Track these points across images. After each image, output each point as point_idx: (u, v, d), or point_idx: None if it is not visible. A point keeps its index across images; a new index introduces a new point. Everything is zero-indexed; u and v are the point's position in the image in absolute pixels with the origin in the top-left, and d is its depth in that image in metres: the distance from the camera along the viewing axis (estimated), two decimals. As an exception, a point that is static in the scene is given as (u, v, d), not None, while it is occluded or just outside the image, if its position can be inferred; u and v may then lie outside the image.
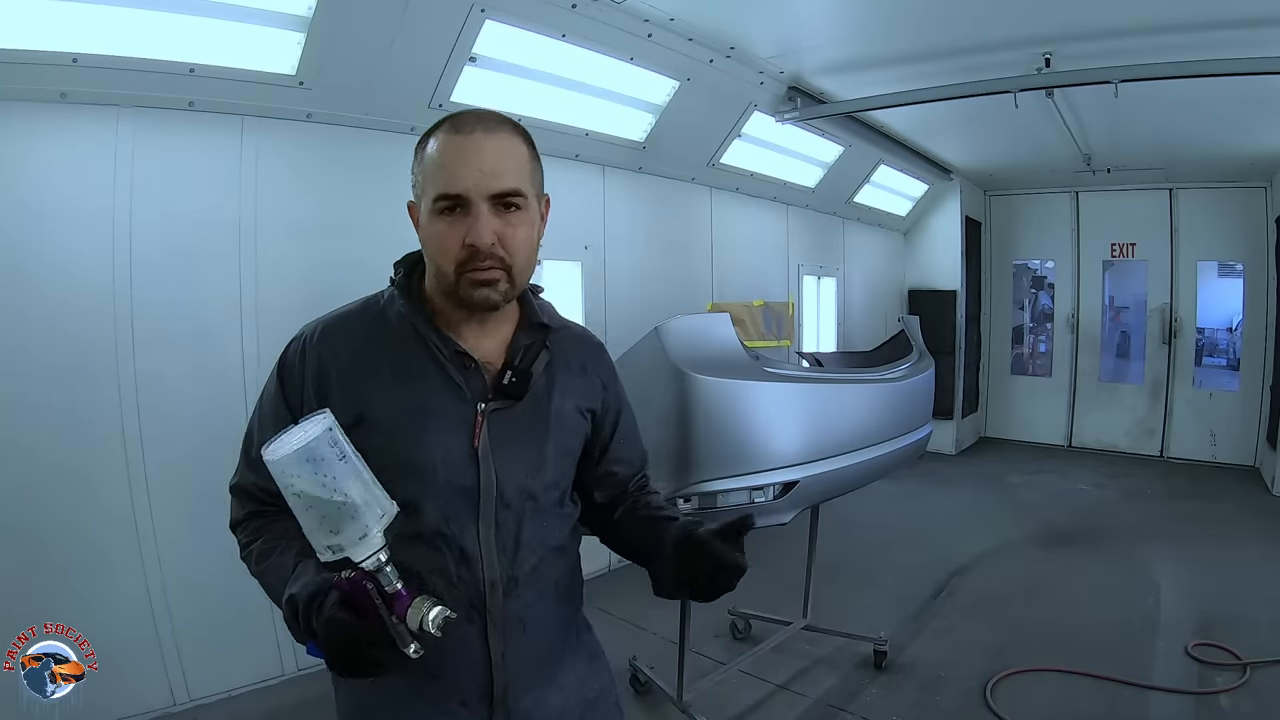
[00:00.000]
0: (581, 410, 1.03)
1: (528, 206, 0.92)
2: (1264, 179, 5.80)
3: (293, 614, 0.83)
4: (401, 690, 0.93)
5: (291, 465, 0.77)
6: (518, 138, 0.94)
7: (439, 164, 0.89)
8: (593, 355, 1.08)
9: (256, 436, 0.95)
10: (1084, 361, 6.91)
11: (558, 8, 2.78)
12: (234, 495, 1.01)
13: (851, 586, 3.61)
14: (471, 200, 0.88)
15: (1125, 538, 4.35)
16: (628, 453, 1.11)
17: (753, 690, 2.68)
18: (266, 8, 2.29)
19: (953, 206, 6.66)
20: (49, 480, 2.18)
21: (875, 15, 3.28)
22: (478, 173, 0.88)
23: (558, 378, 1.01)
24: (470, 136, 0.89)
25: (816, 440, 2.36)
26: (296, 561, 0.88)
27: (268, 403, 0.97)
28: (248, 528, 0.98)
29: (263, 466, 0.88)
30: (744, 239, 4.82)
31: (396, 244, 1.05)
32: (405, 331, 0.94)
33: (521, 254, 0.92)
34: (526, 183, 0.92)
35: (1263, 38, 3.08)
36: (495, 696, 0.93)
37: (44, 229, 2.17)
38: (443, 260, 0.90)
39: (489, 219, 0.88)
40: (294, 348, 0.96)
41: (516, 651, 0.94)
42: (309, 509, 0.79)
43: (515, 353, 0.98)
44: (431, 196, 0.89)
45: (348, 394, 0.92)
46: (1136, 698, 2.58)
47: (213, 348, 2.50)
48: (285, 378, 0.95)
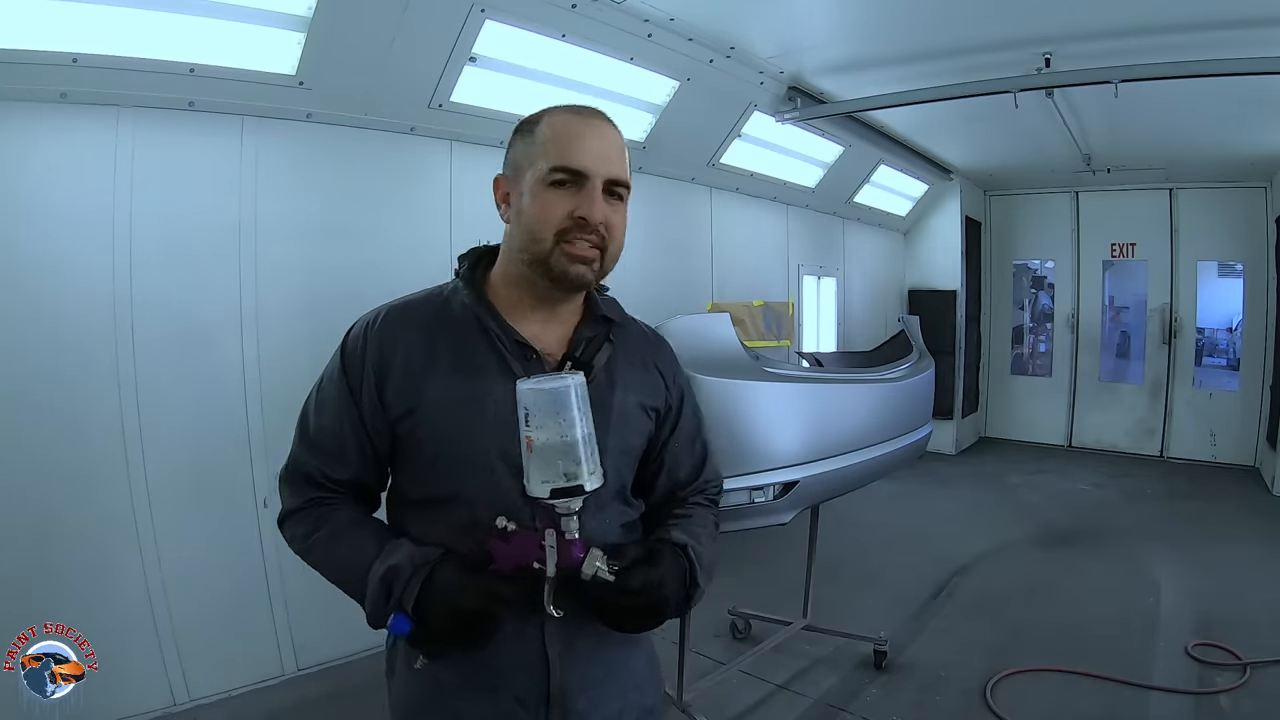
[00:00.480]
0: (645, 408, 1.01)
1: (626, 200, 0.96)
2: (1264, 179, 5.81)
3: (386, 587, 0.85)
4: (458, 685, 0.92)
5: (543, 402, 0.84)
6: (623, 138, 0.97)
7: (559, 139, 0.91)
8: (657, 352, 1.07)
9: (313, 420, 0.97)
10: (1084, 361, 6.91)
11: (558, 8, 2.78)
12: (288, 483, 0.98)
13: (851, 586, 3.61)
14: (590, 177, 0.90)
15: (1125, 538, 4.35)
16: (674, 461, 1.06)
17: (753, 690, 2.68)
18: (266, 8, 2.29)
19: (953, 206, 6.66)
20: (49, 480, 2.18)
21: (875, 15, 3.28)
22: (600, 154, 0.91)
23: (620, 373, 0.99)
24: (592, 121, 0.93)
25: (816, 440, 2.36)
26: (382, 541, 0.90)
27: (329, 385, 0.97)
28: (307, 516, 0.96)
29: (319, 450, 0.95)
30: (744, 239, 4.82)
31: (397, 244, 1.06)
32: (468, 322, 0.95)
33: (617, 242, 0.94)
34: (629, 177, 0.96)
35: (1263, 38, 3.08)
36: (552, 696, 0.92)
37: (44, 229, 2.17)
38: (542, 227, 0.91)
39: (601, 200, 0.91)
40: (356, 331, 0.97)
41: (572, 651, 0.93)
42: (546, 442, 0.84)
43: (577, 345, 0.98)
44: (547, 167, 0.90)
45: (407, 381, 0.92)
46: (1136, 698, 2.58)
47: (213, 348, 2.50)
48: (348, 361, 0.96)
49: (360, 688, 2.63)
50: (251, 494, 2.56)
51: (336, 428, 0.95)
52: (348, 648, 2.80)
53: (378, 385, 0.93)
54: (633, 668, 1.01)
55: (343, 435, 0.95)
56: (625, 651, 1.00)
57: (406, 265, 2.93)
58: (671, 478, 1.06)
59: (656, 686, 1.07)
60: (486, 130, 3.12)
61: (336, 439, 0.95)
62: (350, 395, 0.94)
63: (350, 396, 0.94)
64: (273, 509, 2.82)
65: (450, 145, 3.07)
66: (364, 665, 2.78)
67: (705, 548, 0.99)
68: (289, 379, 2.64)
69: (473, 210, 3.14)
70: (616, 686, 0.98)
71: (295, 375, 2.63)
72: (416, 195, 3.00)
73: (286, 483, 0.99)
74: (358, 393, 0.93)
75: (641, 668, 1.03)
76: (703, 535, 1.00)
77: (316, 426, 0.96)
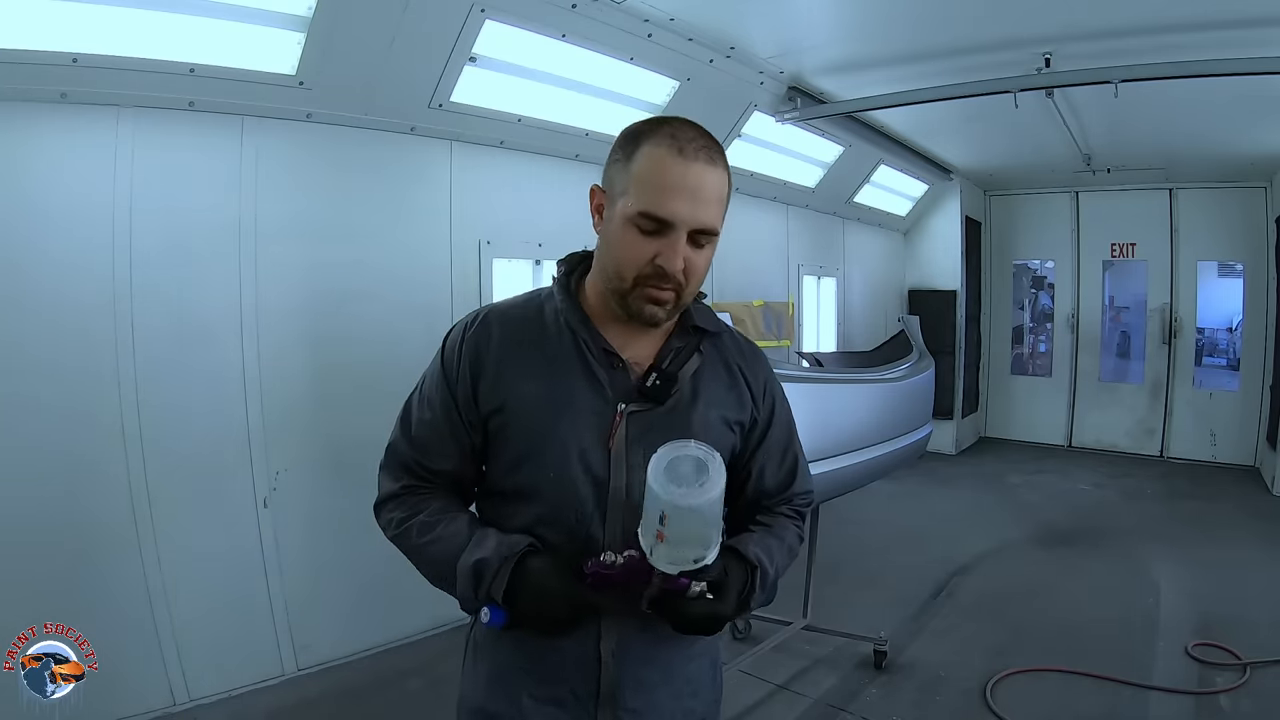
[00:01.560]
0: (730, 422, 1.01)
1: (715, 239, 0.94)
2: (1264, 179, 5.81)
3: (475, 578, 0.89)
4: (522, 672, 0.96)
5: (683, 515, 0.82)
6: (726, 175, 0.94)
7: (655, 183, 0.89)
8: (748, 363, 1.07)
9: (415, 414, 1.01)
10: (1084, 361, 6.91)
11: (558, 8, 2.78)
12: (386, 469, 1.02)
13: (851, 586, 3.61)
14: (676, 227, 0.89)
15: (1125, 538, 4.36)
16: (761, 471, 1.06)
17: (753, 690, 2.68)
18: (266, 8, 2.29)
19: (953, 206, 6.66)
20: (49, 480, 2.18)
21: (875, 15, 3.28)
22: (689, 203, 0.89)
23: (705, 386, 1.00)
24: (693, 166, 0.89)
25: (816, 440, 2.36)
26: (471, 533, 0.93)
27: (430, 383, 1.01)
28: (403, 502, 0.99)
29: (418, 441, 1.00)
30: (744, 239, 4.81)
31: (396, 244, 1.06)
32: (559, 327, 0.97)
33: (696, 280, 0.95)
34: (720, 221, 0.94)
35: (1263, 38, 3.08)
36: (603, 694, 0.95)
37: (44, 229, 2.17)
38: (625, 268, 0.92)
39: (684, 248, 0.90)
40: (456, 332, 1.01)
41: (626, 652, 0.95)
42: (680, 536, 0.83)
43: (665, 355, 0.99)
44: (637, 210, 0.89)
45: (497, 382, 0.96)
46: (1136, 698, 2.58)
47: (213, 347, 2.50)
48: (447, 360, 0.99)
49: (360, 688, 2.64)
50: (251, 493, 2.55)
51: (435, 422, 0.99)
52: (348, 648, 2.81)
53: (473, 384, 0.96)
54: (691, 673, 1.02)
55: (440, 430, 0.98)
56: (685, 657, 1.01)
57: (406, 265, 2.94)
58: (758, 487, 1.07)
59: (716, 694, 1.08)
60: (486, 130, 3.12)
61: (435, 433, 0.99)
62: (449, 392, 0.98)
63: (449, 394, 0.98)
64: (272, 509, 2.85)
65: (450, 145, 3.07)
66: (364, 665, 2.79)
67: (776, 561, 1.00)
68: (289, 378, 2.66)
69: (473, 210, 3.15)
70: (672, 690, 0.99)
71: (295, 374, 2.67)
72: (416, 195, 3.00)
73: (385, 469, 1.02)
74: (455, 391, 0.97)
75: (701, 674, 1.04)
76: (776, 550, 1.01)
77: (418, 420, 1.00)
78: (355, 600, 2.80)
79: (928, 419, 3.10)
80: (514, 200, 3.29)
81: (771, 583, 0.99)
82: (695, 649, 1.02)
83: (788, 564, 1.05)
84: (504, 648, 0.97)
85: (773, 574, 0.99)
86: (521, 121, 3.17)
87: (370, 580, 2.71)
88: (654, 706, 0.97)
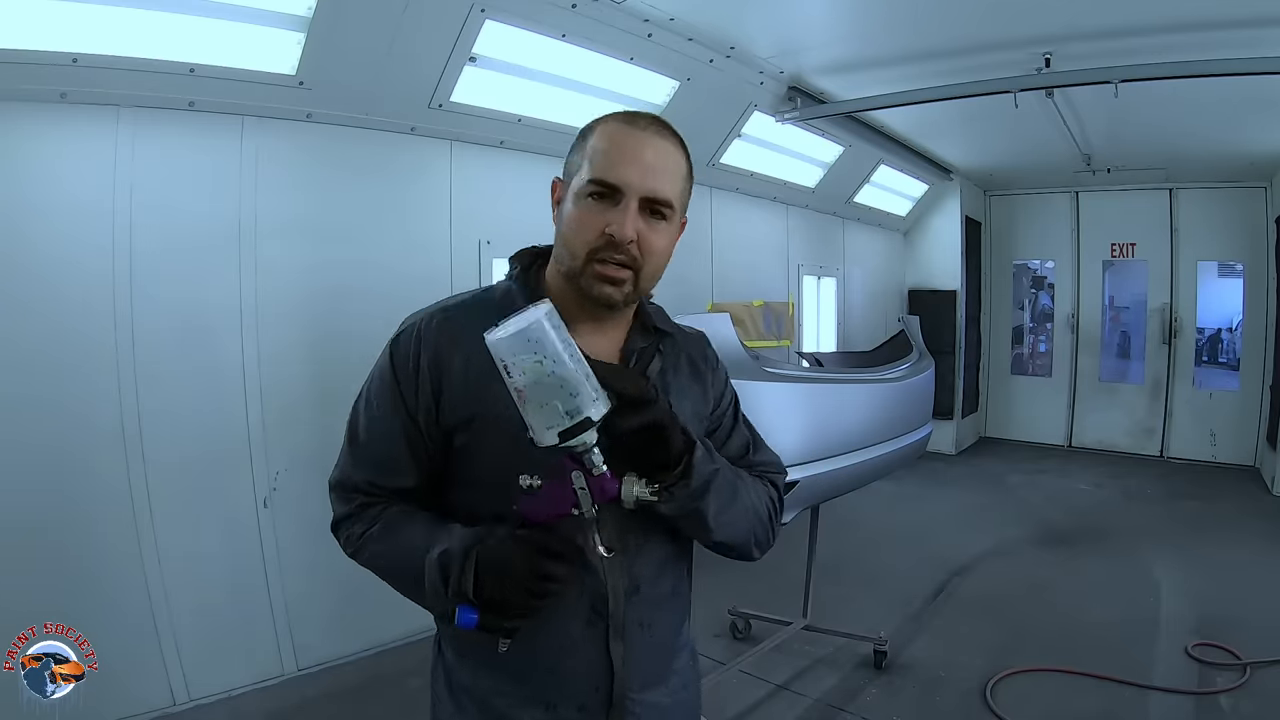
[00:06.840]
0: (700, 416, 1.01)
1: (671, 220, 0.92)
2: (1264, 179, 5.81)
3: (443, 573, 0.83)
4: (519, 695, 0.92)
5: (517, 346, 0.77)
6: (682, 152, 0.93)
7: (603, 150, 0.88)
8: (700, 351, 1.06)
9: (362, 431, 0.94)
10: (1084, 361, 6.91)
11: (558, 8, 2.78)
12: (336, 492, 0.97)
13: (851, 586, 3.61)
14: (625, 193, 0.87)
15: (1125, 538, 4.36)
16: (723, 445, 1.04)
17: (753, 690, 2.68)
18: (266, 8, 2.29)
19: (953, 206, 6.66)
20: (49, 480, 2.18)
21: (875, 15, 3.28)
22: (639, 169, 0.87)
23: (672, 382, 0.99)
24: (642, 133, 0.89)
25: (816, 440, 2.37)
26: (432, 530, 0.88)
27: (377, 393, 0.94)
28: (359, 518, 0.94)
29: (369, 460, 0.93)
30: (744, 239, 4.82)
31: (396, 243, 1.06)
32: None
33: (654, 261, 0.91)
34: (677, 197, 0.92)
35: (1263, 38, 3.08)
36: (614, 699, 0.93)
37: (44, 229, 2.17)
38: (575, 242, 0.89)
39: (635, 216, 0.87)
40: (407, 334, 0.93)
41: (634, 655, 0.93)
42: (535, 385, 0.77)
43: (629, 355, 0.97)
44: (585, 179, 0.88)
45: (465, 389, 0.90)
46: (1136, 698, 2.58)
47: (213, 347, 2.50)
48: (398, 364, 0.92)
49: (360, 688, 2.64)
50: (251, 493, 2.55)
51: (387, 438, 0.93)
52: (348, 648, 2.80)
53: (434, 389, 0.90)
54: (681, 664, 1.03)
55: (393, 445, 0.92)
56: (678, 650, 1.02)
57: (406, 264, 2.93)
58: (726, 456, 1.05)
59: (699, 684, 1.09)
60: (486, 130, 3.12)
61: (387, 449, 0.93)
62: (401, 401, 0.91)
63: (401, 402, 0.91)
64: (273, 509, 2.85)
65: (450, 145, 3.07)
66: (364, 665, 2.79)
67: (724, 474, 0.92)
68: (289, 378, 2.66)
69: (473, 210, 3.15)
70: (669, 685, 1.00)
71: (295, 374, 2.67)
72: (416, 195, 3.00)
73: (335, 491, 0.97)
74: (410, 397, 0.91)
75: (686, 661, 1.05)
76: (729, 470, 0.94)
77: (366, 438, 0.94)
78: (355, 600, 2.78)
79: (928, 419, 3.10)
80: (514, 200, 3.29)
81: (719, 483, 0.91)
82: (679, 642, 1.02)
83: (740, 495, 0.96)
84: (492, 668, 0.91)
85: (721, 471, 0.92)
86: (521, 121, 3.17)
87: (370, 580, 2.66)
88: (654, 704, 0.97)
